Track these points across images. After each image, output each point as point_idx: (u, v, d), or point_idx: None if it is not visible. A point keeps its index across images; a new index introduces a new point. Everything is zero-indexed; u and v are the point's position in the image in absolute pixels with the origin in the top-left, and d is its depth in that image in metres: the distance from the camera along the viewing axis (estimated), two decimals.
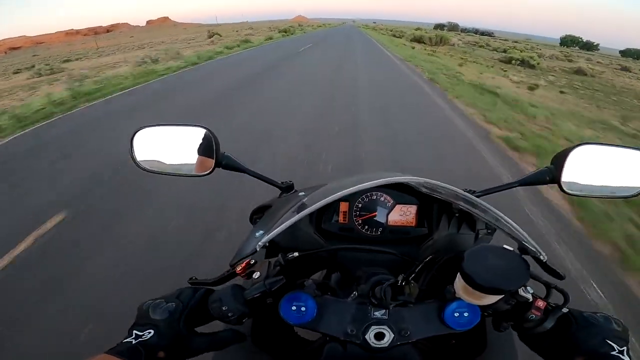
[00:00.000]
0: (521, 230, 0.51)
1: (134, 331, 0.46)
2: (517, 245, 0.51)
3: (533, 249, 0.49)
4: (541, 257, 0.49)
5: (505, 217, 0.53)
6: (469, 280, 0.41)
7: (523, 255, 0.43)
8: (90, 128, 4.98)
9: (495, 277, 0.40)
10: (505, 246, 0.43)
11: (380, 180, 0.54)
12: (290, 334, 0.69)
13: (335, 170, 3.25)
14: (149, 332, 0.46)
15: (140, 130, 0.70)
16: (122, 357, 0.41)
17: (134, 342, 0.45)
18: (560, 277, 0.49)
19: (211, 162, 0.68)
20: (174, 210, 2.60)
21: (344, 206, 0.66)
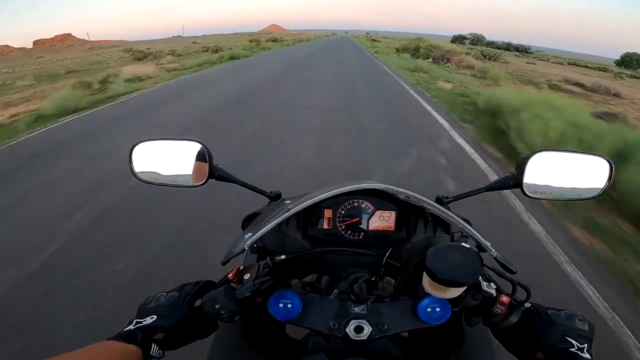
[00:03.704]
0: (475, 232, 0.57)
1: (135, 320, 0.50)
2: (475, 244, 0.56)
3: (486, 246, 0.55)
4: (491, 254, 0.55)
5: (462, 222, 0.59)
6: (431, 274, 0.46)
7: (481, 253, 0.49)
8: None
9: (452, 271, 0.45)
10: (463, 244, 0.49)
11: (356, 186, 0.60)
12: (280, 332, 0.73)
13: None
14: (151, 318, 0.50)
15: (138, 145, 0.75)
16: (120, 340, 0.45)
17: (132, 327, 0.49)
18: (511, 271, 0.54)
19: (205, 173, 0.73)
20: None
21: (328, 213, 0.71)
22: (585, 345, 0.46)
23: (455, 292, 0.48)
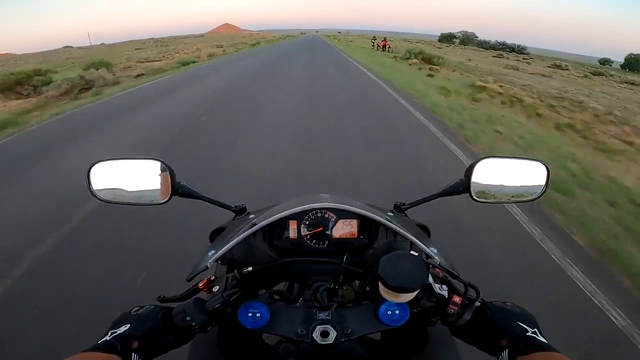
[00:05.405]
0: (418, 242, 0.62)
1: (110, 330, 0.50)
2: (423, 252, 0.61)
3: (429, 254, 0.60)
4: (435, 260, 0.59)
5: (406, 233, 0.63)
6: (383, 282, 0.49)
7: (428, 260, 0.53)
8: None
9: (401, 278, 0.48)
10: (412, 252, 0.53)
11: (316, 204, 0.64)
12: (257, 340, 0.74)
13: None
14: (124, 327, 0.50)
15: (96, 165, 0.74)
16: (99, 351, 0.45)
17: (109, 338, 0.49)
18: (454, 276, 0.59)
19: (167, 191, 0.73)
20: None
21: (293, 224, 0.73)
22: (536, 329, 0.51)
23: (407, 297, 0.51)
